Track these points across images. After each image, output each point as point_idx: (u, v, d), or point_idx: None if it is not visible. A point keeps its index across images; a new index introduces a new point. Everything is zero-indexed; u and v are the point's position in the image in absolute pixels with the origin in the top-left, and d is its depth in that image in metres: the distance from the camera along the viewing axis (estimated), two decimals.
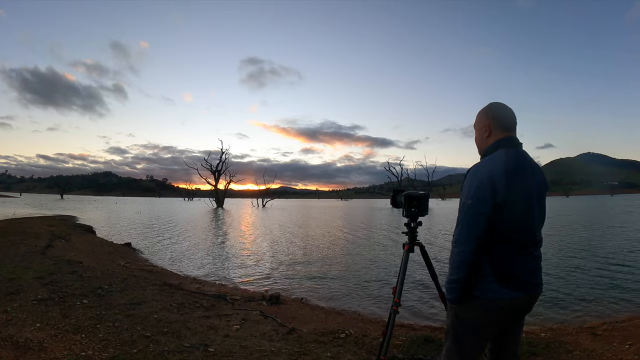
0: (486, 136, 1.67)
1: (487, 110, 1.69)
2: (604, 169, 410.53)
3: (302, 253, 11.25)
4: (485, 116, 1.69)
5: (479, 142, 1.73)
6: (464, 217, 1.51)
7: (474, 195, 1.49)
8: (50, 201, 63.55)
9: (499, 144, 1.61)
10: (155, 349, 2.98)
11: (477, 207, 1.47)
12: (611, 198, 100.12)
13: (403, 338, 3.48)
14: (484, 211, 1.47)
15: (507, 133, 1.63)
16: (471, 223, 1.48)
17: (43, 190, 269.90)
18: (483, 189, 1.47)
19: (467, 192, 1.51)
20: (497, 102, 1.71)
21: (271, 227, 20.62)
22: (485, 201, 1.47)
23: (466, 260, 1.49)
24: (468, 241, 1.48)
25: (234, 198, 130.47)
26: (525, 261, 1.55)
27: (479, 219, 1.47)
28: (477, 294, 1.53)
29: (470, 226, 1.48)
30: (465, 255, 1.49)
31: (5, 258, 6.35)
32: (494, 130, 1.65)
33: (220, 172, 53.91)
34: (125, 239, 13.17)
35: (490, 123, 1.66)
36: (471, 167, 1.60)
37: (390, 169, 65.20)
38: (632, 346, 3.23)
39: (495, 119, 1.65)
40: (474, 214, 1.48)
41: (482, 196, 1.47)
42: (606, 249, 10.88)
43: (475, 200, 1.48)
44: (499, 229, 1.49)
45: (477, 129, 1.73)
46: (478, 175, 1.51)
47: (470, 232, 1.48)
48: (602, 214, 29.41)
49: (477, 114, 1.74)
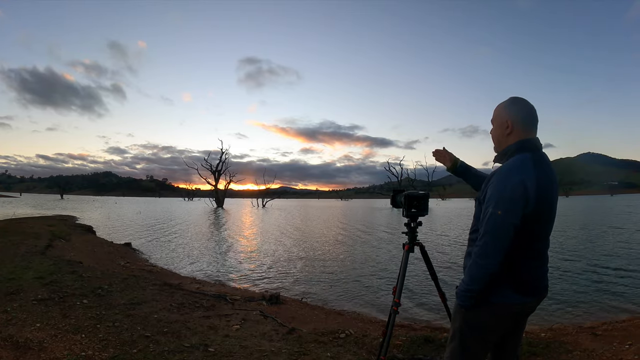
0: (507, 133, 1.56)
1: (510, 105, 1.57)
2: (604, 169, 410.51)
3: (302, 253, 11.24)
4: (507, 111, 1.57)
5: (499, 138, 1.61)
6: (493, 228, 1.41)
7: (504, 205, 1.39)
8: (50, 201, 63.52)
9: (523, 145, 1.50)
10: (155, 349, 2.98)
11: (509, 219, 1.38)
12: (611, 198, 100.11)
13: (403, 338, 3.48)
14: (515, 223, 1.39)
15: (531, 134, 1.53)
16: (500, 235, 1.40)
17: (43, 190, 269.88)
18: (515, 200, 1.38)
19: (497, 201, 1.40)
20: (520, 98, 1.58)
21: (271, 227, 20.62)
22: (516, 213, 1.39)
23: (490, 273, 1.43)
24: (495, 254, 1.41)
25: (234, 198, 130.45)
26: (538, 267, 1.53)
27: (508, 231, 1.39)
28: (490, 299, 1.49)
29: (499, 238, 1.40)
30: (491, 268, 1.42)
31: (5, 258, 6.35)
32: (517, 128, 1.53)
33: (220, 172, 53.96)
34: (125, 239, 13.16)
35: (514, 120, 1.54)
36: (496, 170, 1.50)
37: (390, 169, 65.25)
38: (632, 346, 3.23)
39: (519, 115, 1.54)
40: (504, 226, 1.39)
41: (514, 208, 1.38)
42: (606, 249, 10.88)
43: (507, 211, 1.38)
44: (522, 238, 1.43)
45: (497, 124, 1.61)
46: (510, 184, 1.40)
47: (498, 245, 1.40)
48: (602, 214, 29.39)
49: (497, 107, 1.62)
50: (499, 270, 1.43)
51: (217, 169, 53.83)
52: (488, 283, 1.45)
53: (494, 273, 1.43)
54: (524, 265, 1.49)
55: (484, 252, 1.43)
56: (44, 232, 10.69)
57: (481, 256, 1.44)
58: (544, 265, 1.56)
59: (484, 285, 1.45)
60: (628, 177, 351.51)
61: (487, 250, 1.42)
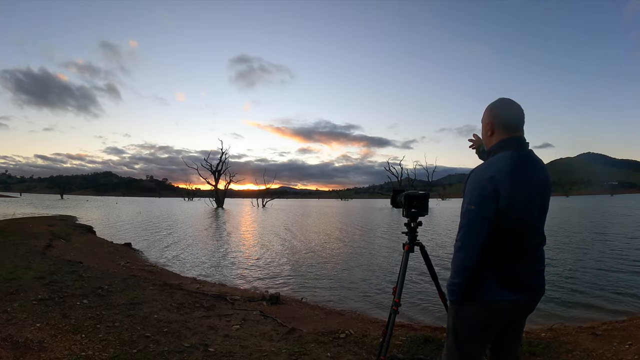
0: (489, 135, 1.62)
1: (491, 108, 1.63)
2: (604, 169, 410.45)
3: (303, 253, 11.25)
4: (489, 114, 1.63)
5: (484, 139, 1.69)
6: (466, 222, 1.48)
7: (476, 200, 1.45)
8: (50, 201, 63.52)
9: (503, 144, 1.55)
10: (155, 349, 2.98)
11: (480, 213, 1.44)
12: (611, 198, 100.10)
13: (403, 338, 3.48)
14: (487, 216, 1.44)
15: (512, 134, 1.56)
16: (473, 229, 1.46)
17: (43, 190, 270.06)
18: (485, 194, 1.44)
19: (470, 197, 1.48)
20: (503, 99, 1.62)
21: (271, 228, 20.61)
22: (487, 206, 1.43)
23: (468, 266, 1.48)
24: (470, 247, 1.47)
25: (233, 198, 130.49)
26: (527, 263, 1.54)
27: (481, 225, 1.45)
28: (477, 295, 1.52)
29: (473, 232, 1.46)
30: (467, 260, 1.47)
31: (5, 258, 6.35)
32: (497, 129, 1.58)
33: (220, 172, 53.96)
34: (125, 239, 13.16)
35: (495, 121, 1.59)
36: (473, 169, 1.56)
37: (390, 169, 65.23)
38: (632, 346, 3.23)
39: (497, 117, 1.59)
40: (476, 220, 1.45)
41: (484, 201, 1.44)
42: (606, 249, 10.87)
43: (478, 205, 1.45)
44: (502, 232, 1.46)
45: (482, 126, 1.68)
46: (480, 180, 1.47)
47: (472, 238, 1.46)
48: (602, 214, 29.38)
49: (485, 109, 1.67)
50: (477, 263, 1.47)
51: (217, 169, 53.85)
52: (469, 277, 1.49)
53: (472, 266, 1.48)
54: (509, 260, 1.51)
55: (461, 245, 1.50)
56: (44, 232, 10.69)
57: (459, 249, 1.51)
58: (535, 261, 1.56)
59: (465, 278, 1.50)
60: (628, 177, 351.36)
61: (464, 243, 1.49)
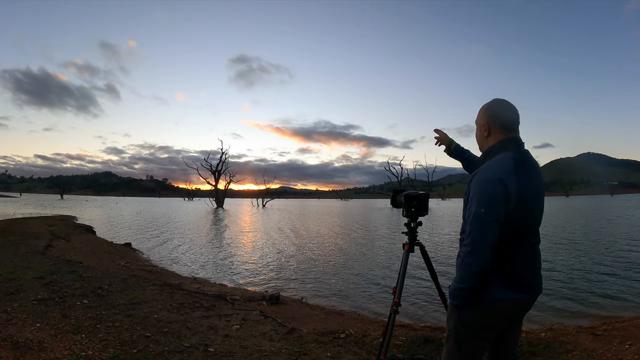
0: (485, 135, 1.62)
1: (487, 108, 1.63)
2: (604, 169, 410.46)
3: (302, 253, 11.25)
4: (484, 114, 1.63)
5: (479, 140, 1.68)
6: (477, 226, 1.44)
7: (486, 203, 1.43)
8: (50, 201, 63.52)
9: (503, 145, 1.55)
10: (155, 349, 2.98)
11: (491, 216, 1.42)
12: (611, 198, 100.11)
13: (403, 338, 3.48)
14: (498, 219, 1.42)
15: (510, 134, 1.57)
16: (485, 232, 1.43)
17: (43, 190, 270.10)
18: (496, 197, 1.42)
19: (479, 200, 1.44)
20: (499, 100, 1.63)
21: (271, 228, 20.61)
22: (498, 209, 1.42)
23: (478, 271, 1.45)
24: (483, 251, 1.43)
25: (233, 198, 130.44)
26: (527, 262, 1.55)
27: (493, 228, 1.42)
28: (481, 295, 1.51)
29: (485, 235, 1.43)
30: (480, 265, 1.44)
31: (5, 258, 6.35)
32: (493, 130, 1.59)
33: (220, 172, 53.95)
34: (125, 239, 13.16)
35: (491, 122, 1.59)
36: (477, 171, 1.53)
37: (389, 169, 65.20)
38: (632, 346, 3.23)
39: (494, 118, 1.59)
40: (488, 223, 1.42)
41: (495, 204, 1.42)
42: (606, 249, 10.87)
43: (489, 208, 1.42)
44: (508, 233, 1.45)
45: (477, 126, 1.68)
46: (489, 181, 1.44)
47: (484, 242, 1.43)
48: (602, 214, 29.38)
49: (479, 109, 1.68)
50: (488, 268, 1.45)
51: (217, 169, 53.83)
52: (478, 282, 1.47)
53: (483, 270, 1.45)
54: (513, 260, 1.50)
55: (471, 250, 1.45)
56: (44, 232, 10.69)
57: (469, 254, 1.46)
58: (534, 261, 1.57)
59: (474, 283, 1.47)
60: (628, 177, 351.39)
61: (474, 248, 1.44)
